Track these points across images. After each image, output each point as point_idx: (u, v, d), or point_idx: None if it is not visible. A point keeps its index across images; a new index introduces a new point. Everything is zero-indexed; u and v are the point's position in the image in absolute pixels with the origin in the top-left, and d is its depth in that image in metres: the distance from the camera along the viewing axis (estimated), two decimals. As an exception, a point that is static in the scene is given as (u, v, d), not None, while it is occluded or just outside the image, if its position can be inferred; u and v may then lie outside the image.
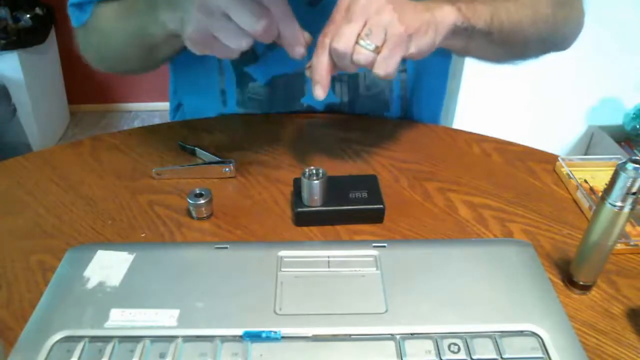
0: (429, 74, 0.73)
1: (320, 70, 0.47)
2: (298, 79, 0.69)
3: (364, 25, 0.45)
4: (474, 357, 0.37)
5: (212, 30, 0.45)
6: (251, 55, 0.67)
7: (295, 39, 0.47)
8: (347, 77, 0.69)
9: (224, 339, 0.38)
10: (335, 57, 0.47)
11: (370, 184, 0.54)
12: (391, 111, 0.73)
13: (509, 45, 0.58)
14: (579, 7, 0.63)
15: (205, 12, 0.44)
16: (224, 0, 0.44)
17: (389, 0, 0.46)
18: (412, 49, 0.47)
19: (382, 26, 0.45)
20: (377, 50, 0.46)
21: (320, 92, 0.48)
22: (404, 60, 0.56)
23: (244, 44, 0.46)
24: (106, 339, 0.38)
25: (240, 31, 0.45)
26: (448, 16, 0.49)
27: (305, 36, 0.48)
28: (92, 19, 0.62)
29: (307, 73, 0.49)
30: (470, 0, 0.52)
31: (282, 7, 0.46)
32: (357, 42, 0.45)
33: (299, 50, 0.48)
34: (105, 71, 0.67)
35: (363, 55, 0.45)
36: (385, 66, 0.46)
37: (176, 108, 0.82)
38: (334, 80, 0.69)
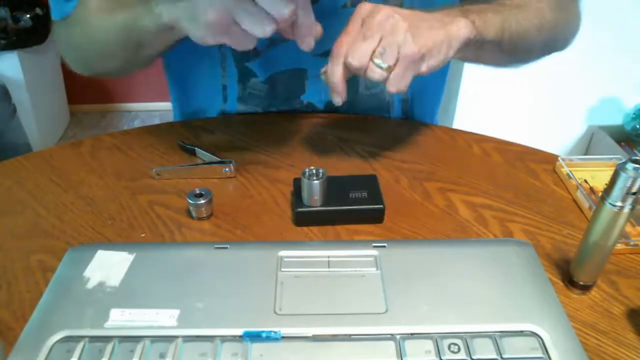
0: (430, 76, 0.73)
1: (335, 79, 0.48)
2: (298, 76, 0.69)
3: (379, 42, 0.46)
4: (474, 357, 0.37)
5: (236, 15, 0.43)
6: (253, 51, 0.67)
7: (310, 30, 0.47)
8: None
9: (224, 339, 0.38)
10: (349, 69, 0.48)
11: (370, 184, 0.54)
12: (392, 113, 0.73)
13: (515, 52, 0.58)
14: (576, 10, 0.64)
15: None
16: None
17: (404, 18, 0.46)
18: (424, 68, 0.48)
19: (395, 46, 0.46)
20: (390, 69, 0.47)
21: (337, 98, 0.50)
22: None
23: (268, 31, 0.44)
24: (106, 339, 0.38)
25: (266, 16, 0.43)
26: (461, 30, 0.49)
27: (318, 28, 0.48)
28: (77, 11, 0.58)
29: (323, 77, 0.50)
30: (482, 10, 0.52)
31: None
32: (371, 59, 0.47)
33: (308, 42, 0.48)
34: (83, 72, 0.63)
35: (376, 73, 0.47)
36: (397, 83, 0.48)
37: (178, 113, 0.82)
38: None
